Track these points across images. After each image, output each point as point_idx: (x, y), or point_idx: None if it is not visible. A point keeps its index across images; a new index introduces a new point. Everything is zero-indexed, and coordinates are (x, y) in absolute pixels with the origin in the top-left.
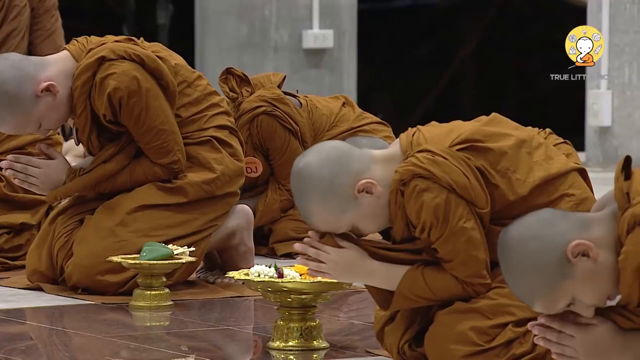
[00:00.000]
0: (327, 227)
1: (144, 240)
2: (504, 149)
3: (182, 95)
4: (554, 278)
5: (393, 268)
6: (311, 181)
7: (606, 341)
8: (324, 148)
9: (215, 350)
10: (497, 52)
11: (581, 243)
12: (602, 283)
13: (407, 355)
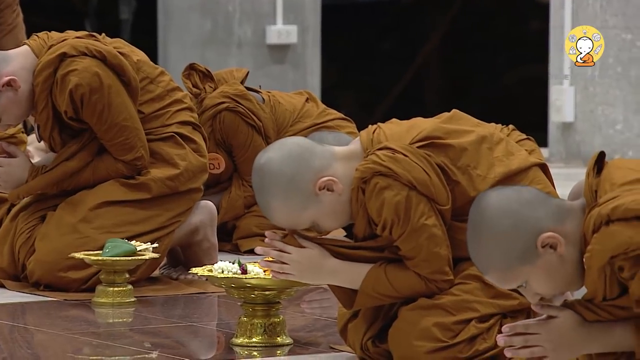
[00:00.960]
0: (288, 223)
1: (106, 236)
2: (464, 146)
3: (144, 91)
4: (516, 260)
5: (356, 267)
6: (272, 177)
7: (571, 333)
8: (285, 144)
9: (179, 346)
10: (461, 48)
11: (553, 236)
12: (559, 277)
13: (371, 352)
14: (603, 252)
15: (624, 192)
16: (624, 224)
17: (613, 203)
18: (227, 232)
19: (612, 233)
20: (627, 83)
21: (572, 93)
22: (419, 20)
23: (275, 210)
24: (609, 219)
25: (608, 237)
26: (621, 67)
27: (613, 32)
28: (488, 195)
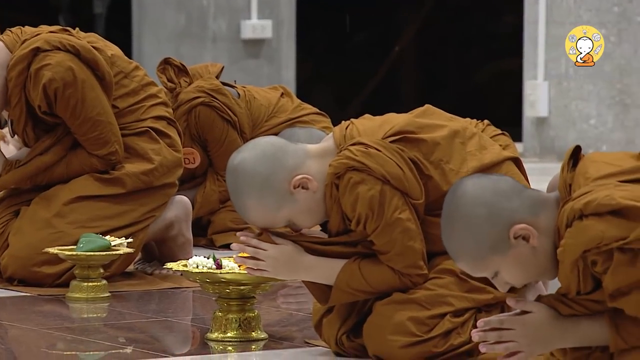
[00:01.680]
0: (264, 222)
1: (81, 231)
2: (437, 140)
3: (119, 86)
4: (488, 249)
5: (330, 262)
6: (247, 178)
7: (546, 327)
8: (259, 144)
9: (153, 341)
10: (436, 42)
11: (526, 228)
12: (531, 268)
13: (346, 346)
14: (576, 246)
15: (597, 186)
16: (596, 218)
17: (586, 198)
18: (202, 227)
19: (584, 227)
20: (600, 78)
21: (546, 88)
22: (393, 15)
23: (251, 210)
24: (582, 213)
25: (581, 231)
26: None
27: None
28: (464, 184)
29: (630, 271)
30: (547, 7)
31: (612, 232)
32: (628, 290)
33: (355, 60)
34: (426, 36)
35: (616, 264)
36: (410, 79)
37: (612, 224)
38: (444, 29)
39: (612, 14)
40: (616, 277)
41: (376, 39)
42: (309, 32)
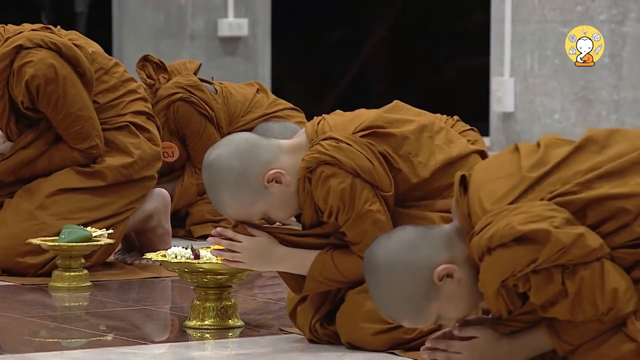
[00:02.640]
0: (240, 216)
1: (63, 222)
2: (405, 134)
3: (99, 82)
4: (422, 301)
5: (304, 253)
6: (222, 173)
7: (492, 350)
8: (233, 140)
9: (133, 329)
10: (406, 39)
11: (446, 267)
12: (465, 298)
13: (319, 334)
14: (492, 279)
15: (495, 216)
16: (503, 249)
17: (489, 232)
18: (181, 219)
19: (495, 261)
20: (564, 74)
21: (512, 84)
22: (365, 13)
23: (227, 205)
24: (489, 247)
25: (493, 265)
26: (559, 59)
27: (551, 25)
28: (374, 253)
29: (549, 286)
30: (513, 6)
31: (522, 259)
32: (555, 300)
33: (328, 58)
34: (396, 34)
35: (535, 284)
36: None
37: (519, 251)
38: (414, 28)
39: (575, 13)
40: (539, 294)
41: (348, 37)
42: (284, 30)
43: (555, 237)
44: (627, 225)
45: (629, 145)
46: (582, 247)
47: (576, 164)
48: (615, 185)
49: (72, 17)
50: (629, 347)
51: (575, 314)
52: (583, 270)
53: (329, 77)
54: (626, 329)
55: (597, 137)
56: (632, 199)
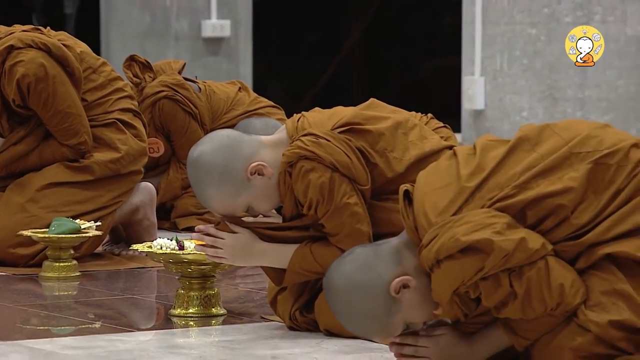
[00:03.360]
0: (225, 209)
1: (53, 215)
2: (381, 131)
3: (87, 80)
4: (386, 318)
5: (283, 247)
6: (206, 168)
7: (455, 345)
8: (215, 137)
9: (121, 317)
10: (382, 40)
11: (400, 280)
12: (426, 302)
13: (299, 321)
14: (444, 291)
15: (440, 229)
16: (451, 260)
17: (435, 245)
18: (166, 212)
19: (444, 272)
20: (532, 74)
21: (483, 83)
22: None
23: (212, 199)
24: (437, 259)
25: (442, 276)
26: (527, 59)
27: (519, 27)
28: (332, 282)
29: (499, 290)
30: (483, 8)
31: (469, 269)
32: (505, 302)
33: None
34: (372, 35)
35: (484, 290)
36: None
37: (466, 262)
38: (389, 29)
39: (543, 15)
40: (489, 299)
41: (327, 37)
42: (265, 31)
43: (498, 245)
44: (565, 220)
45: (559, 140)
46: (524, 250)
47: (511, 166)
48: (550, 183)
49: (62, 19)
50: (582, 337)
51: (527, 313)
52: (529, 271)
53: (308, 76)
54: (577, 319)
55: (529, 135)
56: (567, 194)
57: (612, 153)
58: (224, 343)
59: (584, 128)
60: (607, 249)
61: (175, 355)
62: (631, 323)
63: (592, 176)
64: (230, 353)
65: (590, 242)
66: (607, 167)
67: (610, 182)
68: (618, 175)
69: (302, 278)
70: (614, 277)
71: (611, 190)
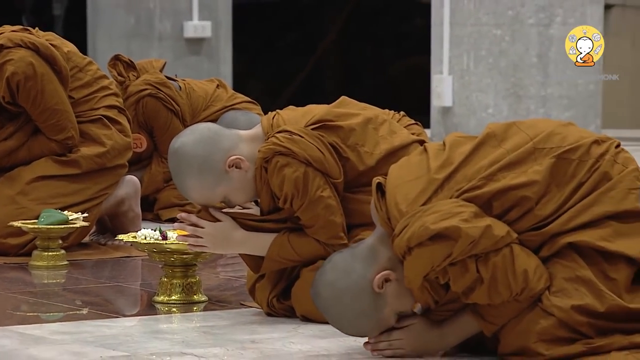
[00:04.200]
0: (203, 199)
1: (42, 207)
2: (352, 126)
3: (74, 79)
4: (375, 314)
5: (262, 236)
6: (186, 160)
7: (426, 333)
8: (196, 130)
9: (107, 304)
10: (355, 41)
11: (382, 275)
12: (409, 294)
13: (276, 308)
14: (415, 276)
15: (411, 218)
16: (421, 248)
17: (407, 233)
18: (149, 204)
19: (415, 259)
20: (497, 72)
21: (451, 81)
22: (318, 17)
23: (191, 189)
24: (409, 247)
25: (413, 263)
26: (492, 58)
27: (485, 28)
28: (319, 293)
29: (466, 276)
30: (451, 10)
31: (438, 255)
32: (473, 287)
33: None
34: (346, 36)
35: (453, 275)
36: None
37: (435, 248)
38: (362, 30)
39: (507, 17)
40: (457, 284)
41: (303, 38)
42: (244, 32)
43: (465, 232)
44: (529, 211)
45: (524, 136)
46: (490, 237)
47: (478, 159)
48: (515, 176)
49: (50, 20)
50: (547, 321)
51: (493, 298)
52: (494, 257)
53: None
54: (542, 304)
55: (496, 132)
56: (531, 187)
57: (574, 149)
58: (205, 328)
59: (548, 126)
60: (569, 238)
61: (158, 340)
62: (593, 308)
63: (555, 170)
64: (211, 338)
65: (553, 232)
66: (569, 162)
67: (572, 176)
68: (579, 170)
69: (280, 265)
70: (575, 265)
71: (573, 184)
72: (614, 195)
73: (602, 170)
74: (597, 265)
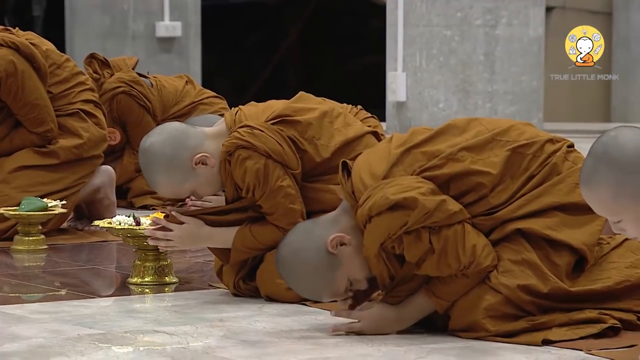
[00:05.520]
0: (172, 194)
1: (23, 195)
2: (309, 121)
3: (52, 75)
4: (329, 273)
5: (226, 230)
6: (156, 158)
7: (384, 314)
8: (165, 129)
9: (84, 285)
10: (315, 41)
11: (335, 237)
12: (365, 263)
13: (242, 289)
14: (372, 243)
15: (373, 190)
16: (380, 216)
17: (368, 203)
18: (123, 192)
19: (373, 227)
20: (447, 70)
21: (404, 78)
22: (281, 19)
23: (160, 185)
24: (370, 216)
25: (372, 231)
26: (443, 57)
27: (437, 29)
28: (280, 253)
29: (419, 245)
30: (405, 12)
31: (395, 223)
32: (424, 257)
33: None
34: (307, 36)
35: (407, 244)
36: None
37: (393, 217)
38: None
39: (456, 18)
40: (411, 252)
41: (267, 38)
42: (212, 32)
43: (422, 203)
44: (484, 198)
45: (484, 129)
46: (444, 210)
47: (438, 142)
48: (474, 161)
49: (31, 20)
50: (494, 298)
51: (442, 269)
52: (446, 231)
53: (251, 72)
54: (490, 282)
55: (457, 124)
56: (487, 176)
57: (529, 144)
58: (176, 308)
59: (508, 122)
60: (518, 224)
61: (132, 319)
62: (537, 288)
63: (510, 163)
64: (181, 316)
65: (503, 218)
66: (523, 156)
67: (525, 169)
68: (532, 164)
69: (246, 255)
70: (523, 249)
71: (525, 176)
72: (562, 188)
73: (553, 165)
74: (542, 250)
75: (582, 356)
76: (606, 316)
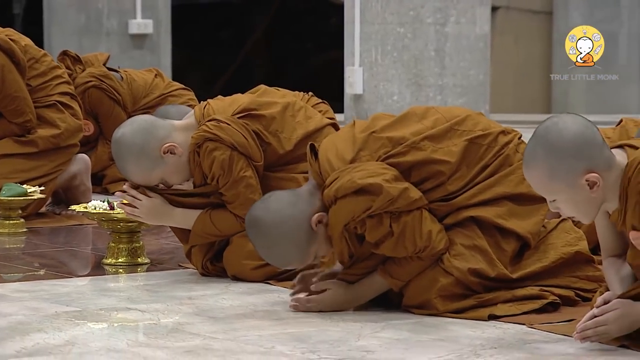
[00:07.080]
0: (142, 181)
1: (3, 181)
2: (273, 115)
3: (31, 69)
4: (305, 246)
5: (188, 212)
6: (127, 147)
7: (341, 295)
8: (135, 121)
9: (62, 266)
10: (279, 37)
11: (319, 215)
12: (329, 241)
13: (210, 269)
14: (337, 224)
15: (340, 173)
16: (346, 199)
17: (335, 185)
18: (98, 179)
19: (339, 209)
20: (401, 65)
21: (361, 72)
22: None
23: (131, 173)
24: (336, 197)
25: (337, 212)
26: (397, 52)
27: (391, 26)
28: (258, 217)
29: (380, 228)
30: (361, 11)
31: (359, 207)
32: (384, 239)
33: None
34: (272, 33)
35: (369, 226)
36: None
37: (358, 201)
38: (286, 28)
39: (409, 17)
40: (372, 234)
41: (234, 35)
42: (182, 29)
43: (386, 190)
44: (441, 184)
45: (442, 118)
46: (406, 198)
47: (401, 128)
48: (435, 150)
49: (11, 18)
50: (446, 279)
51: (399, 250)
52: (406, 216)
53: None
54: (442, 264)
55: (416, 111)
56: (446, 164)
57: (484, 135)
58: (148, 287)
59: (463, 112)
60: (471, 212)
61: (107, 297)
62: (485, 272)
63: (467, 152)
64: (153, 295)
65: (458, 204)
66: (479, 146)
67: (480, 158)
68: (487, 154)
69: (204, 240)
70: (474, 235)
71: (480, 165)
72: (513, 179)
73: (505, 156)
74: (492, 237)
75: (524, 330)
76: (547, 293)
